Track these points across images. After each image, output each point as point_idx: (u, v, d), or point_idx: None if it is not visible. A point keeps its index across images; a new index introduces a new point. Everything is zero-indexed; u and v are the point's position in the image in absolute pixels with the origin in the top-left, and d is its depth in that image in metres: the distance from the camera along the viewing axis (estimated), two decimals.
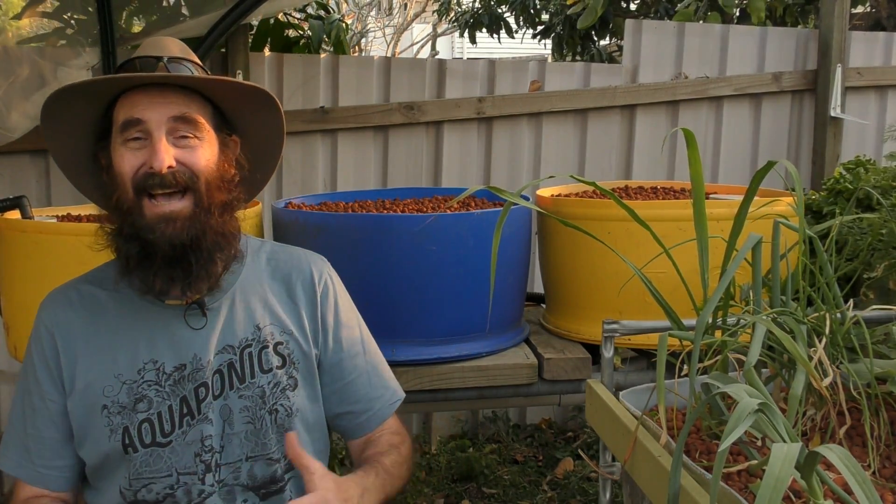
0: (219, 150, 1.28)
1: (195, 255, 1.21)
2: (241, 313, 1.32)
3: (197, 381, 1.27)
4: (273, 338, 1.32)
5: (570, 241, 2.00)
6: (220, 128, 1.31)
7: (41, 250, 1.79)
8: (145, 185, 1.20)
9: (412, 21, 11.18)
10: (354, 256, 1.82)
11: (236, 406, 1.28)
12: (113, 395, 1.25)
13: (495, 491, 3.07)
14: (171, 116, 1.22)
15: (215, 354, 1.28)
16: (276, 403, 1.30)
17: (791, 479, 0.72)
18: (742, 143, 3.63)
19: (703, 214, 1.11)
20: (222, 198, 1.26)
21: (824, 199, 2.28)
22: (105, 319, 1.29)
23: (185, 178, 1.21)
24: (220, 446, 1.27)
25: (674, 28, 3.57)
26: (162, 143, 1.20)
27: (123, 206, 1.22)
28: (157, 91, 1.23)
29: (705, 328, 0.97)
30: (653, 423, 1.07)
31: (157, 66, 1.25)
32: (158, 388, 1.26)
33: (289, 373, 1.32)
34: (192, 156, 1.23)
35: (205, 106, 1.28)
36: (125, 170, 1.22)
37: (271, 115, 1.37)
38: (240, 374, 1.29)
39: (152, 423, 1.25)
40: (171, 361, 1.27)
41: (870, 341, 1.05)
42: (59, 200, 2.93)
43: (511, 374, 1.93)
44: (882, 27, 4.76)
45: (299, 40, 3.83)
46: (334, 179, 3.30)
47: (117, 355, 1.27)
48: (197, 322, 1.29)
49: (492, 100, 3.36)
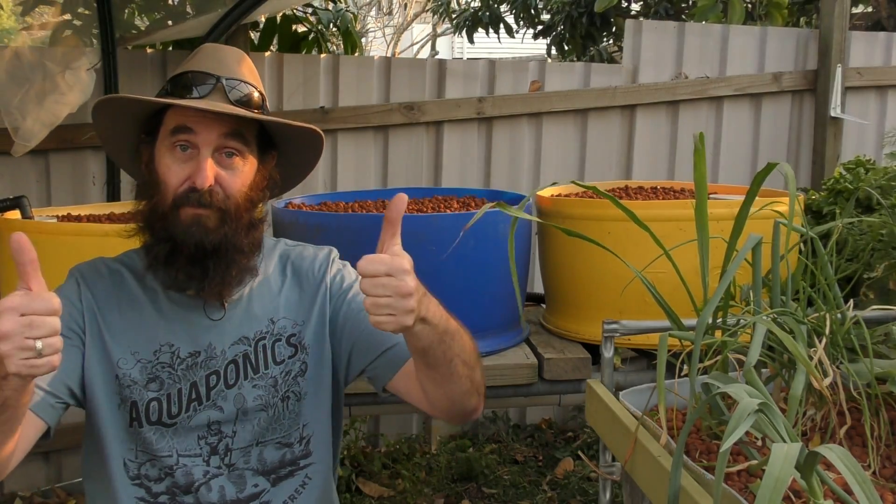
0: (257, 170, 1.32)
1: (214, 262, 1.25)
2: (257, 308, 1.36)
3: (209, 368, 1.31)
4: (286, 331, 1.37)
5: (570, 241, 1.99)
6: (263, 146, 1.35)
7: (41, 250, 1.78)
8: (185, 200, 1.24)
9: (412, 21, 11.18)
10: (354, 256, 1.80)
11: (250, 395, 1.32)
12: (126, 368, 1.28)
13: (495, 491, 3.07)
14: (222, 133, 1.26)
15: (231, 345, 1.33)
16: (289, 390, 1.35)
17: (791, 479, 0.72)
18: (742, 143, 3.63)
19: (705, 217, 1.11)
20: (249, 217, 1.30)
21: (824, 199, 2.28)
22: (129, 298, 1.33)
23: (219, 198, 1.26)
24: (233, 432, 1.31)
25: (674, 28, 3.57)
26: (208, 162, 1.25)
27: (160, 210, 1.26)
28: (212, 113, 1.26)
29: (705, 328, 0.97)
30: (653, 424, 1.07)
31: (215, 86, 1.28)
32: (171, 370, 1.30)
33: (300, 359, 1.36)
34: (231, 178, 1.27)
35: (253, 126, 1.32)
36: (170, 181, 1.26)
37: (313, 146, 1.41)
38: (254, 365, 1.33)
39: (160, 403, 1.29)
40: (186, 347, 1.31)
41: (870, 341, 1.05)
42: (59, 200, 2.93)
43: (511, 374, 1.93)
44: (882, 27, 4.76)
45: (308, 35, 3.82)
46: (334, 179, 3.30)
47: (137, 332, 1.30)
48: (215, 314, 1.33)
49: (492, 100, 3.36)
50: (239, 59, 1.35)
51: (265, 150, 1.35)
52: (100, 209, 2.23)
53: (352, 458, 3.17)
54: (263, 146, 1.35)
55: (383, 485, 3.09)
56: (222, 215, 1.26)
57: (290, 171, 1.44)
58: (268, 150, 1.36)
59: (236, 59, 1.35)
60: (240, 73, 1.32)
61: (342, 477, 2.98)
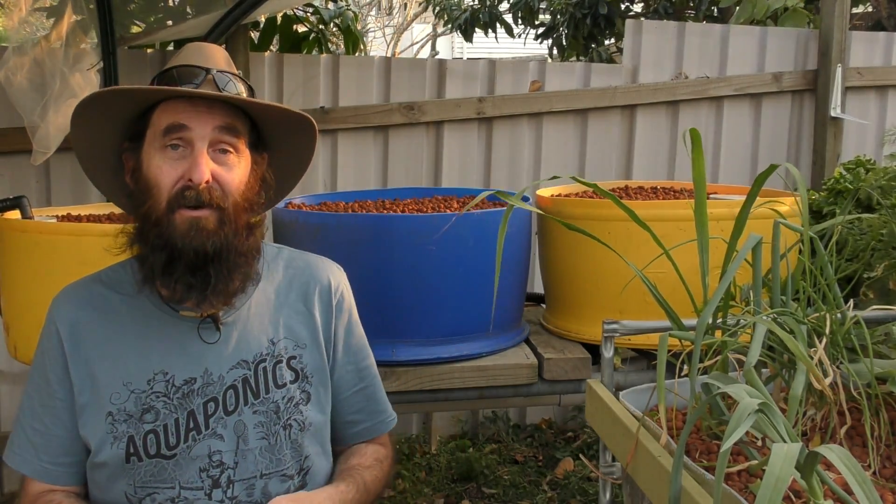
0: (251, 169, 1.29)
1: (215, 268, 1.20)
2: (255, 328, 1.31)
3: (207, 395, 1.26)
4: (287, 352, 1.32)
5: (570, 241, 2.00)
6: (255, 145, 1.31)
7: (41, 250, 1.79)
8: (181, 201, 1.19)
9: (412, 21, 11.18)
10: (354, 256, 1.82)
11: (251, 422, 1.27)
12: (120, 402, 1.24)
13: (495, 491, 3.07)
14: (216, 126, 1.22)
15: (230, 370, 1.27)
16: (290, 418, 1.29)
17: (791, 479, 0.72)
18: (742, 143, 3.63)
19: (705, 216, 1.11)
20: (247, 218, 1.26)
21: (824, 199, 2.28)
22: (117, 324, 1.28)
23: (217, 195, 1.21)
24: (235, 462, 1.25)
25: (674, 28, 3.57)
26: (204, 155, 1.20)
27: (153, 216, 1.20)
28: (204, 103, 1.22)
29: (705, 328, 0.97)
30: (653, 424, 1.07)
31: (206, 78, 1.24)
32: (167, 400, 1.24)
33: (302, 387, 1.32)
34: (227, 174, 1.23)
35: (245, 122, 1.28)
36: (162, 182, 1.20)
37: (306, 138, 1.37)
38: (254, 390, 1.28)
39: (157, 435, 1.23)
40: (181, 374, 1.26)
41: (870, 341, 1.05)
42: (59, 200, 2.93)
43: (511, 374, 1.93)
44: (882, 27, 4.76)
45: (308, 35, 3.82)
46: (334, 179, 3.30)
47: (128, 363, 1.25)
48: (210, 336, 1.28)
49: (492, 100, 3.36)
50: (226, 58, 1.33)
51: (257, 150, 1.32)
52: (100, 209, 2.23)
53: None
54: (255, 146, 1.31)
55: None
56: (221, 215, 1.20)
57: (283, 171, 1.40)
58: (260, 151, 1.32)
59: (223, 56, 1.33)
60: (229, 69, 1.30)
61: None
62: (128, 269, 1.29)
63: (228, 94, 1.23)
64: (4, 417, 3.09)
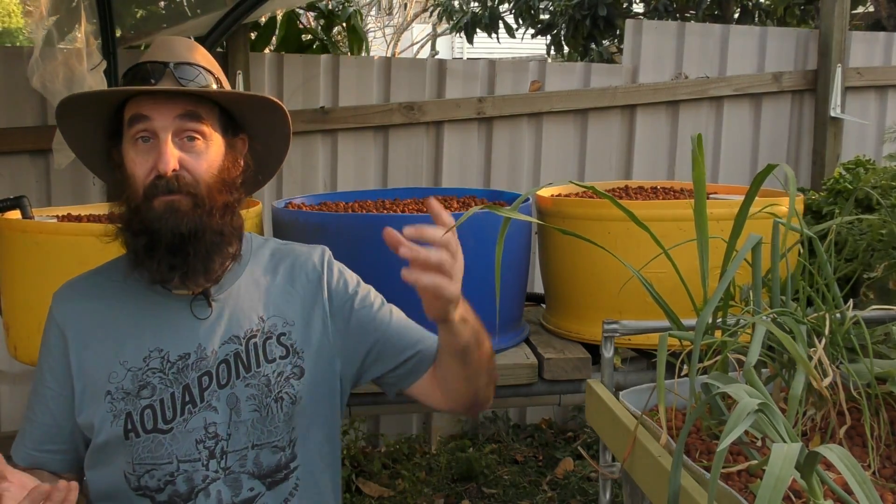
0: (224, 152, 1.32)
1: (193, 248, 1.25)
2: (245, 306, 1.35)
3: (200, 369, 1.30)
4: (276, 329, 1.36)
5: (569, 241, 2.00)
6: (227, 128, 1.34)
7: (41, 250, 1.79)
8: (154, 190, 1.24)
9: (412, 21, 11.18)
10: (354, 256, 1.81)
11: (243, 395, 1.31)
12: (118, 381, 1.28)
13: (495, 491, 3.07)
14: (177, 115, 1.25)
15: (221, 344, 1.32)
16: (282, 391, 1.33)
17: (791, 479, 0.72)
18: (742, 143, 3.63)
19: (705, 216, 1.11)
20: (223, 199, 1.29)
21: (824, 199, 2.28)
22: (113, 309, 1.33)
23: (186, 181, 1.25)
24: (227, 434, 1.29)
25: (674, 28, 3.57)
26: (167, 145, 1.24)
27: (132, 204, 1.26)
28: (163, 94, 1.27)
29: (705, 328, 0.97)
30: (653, 423, 1.07)
31: (164, 72, 1.29)
32: (162, 375, 1.29)
33: (293, 362, 1.35)
34: (195, 161, 1.27)
35: (212, 108, 1.31)
36: (137, 173, 1.26)
37: (277, 119, 1.40)
38: (245, 364, 1.32)
39: (154, 410, 1.28)
40: (175, 350, 1.30)
41: (870, 341, 1.05)
42: (59, 200, 2.93)
43: (511, 374, 1.93)
44: (882, 27, 4.76)
45: (312, 43, 3.82)
46: (334, 179, 3.30)
47: (124, 343, 1.30)
48: (202, 312, 1.32)
49: (492, 100, 3.36)
50: (190, 47, 1.36)
51: (234, 133, 1.35)
52: (100, 209, 2.22)
53: (352, 458, 3.18)
54: (229, 130, 1.34)
55: (383, 485, 3.09)
56: (194, 199, 1.25)
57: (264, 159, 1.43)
58: (236, 134, 1.36)
59: (187, 46, 1.36)
60: (191, 58, 1.33)
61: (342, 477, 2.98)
62: (121, 260, 1.35)
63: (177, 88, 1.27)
64: (4, 417, 3.09)
